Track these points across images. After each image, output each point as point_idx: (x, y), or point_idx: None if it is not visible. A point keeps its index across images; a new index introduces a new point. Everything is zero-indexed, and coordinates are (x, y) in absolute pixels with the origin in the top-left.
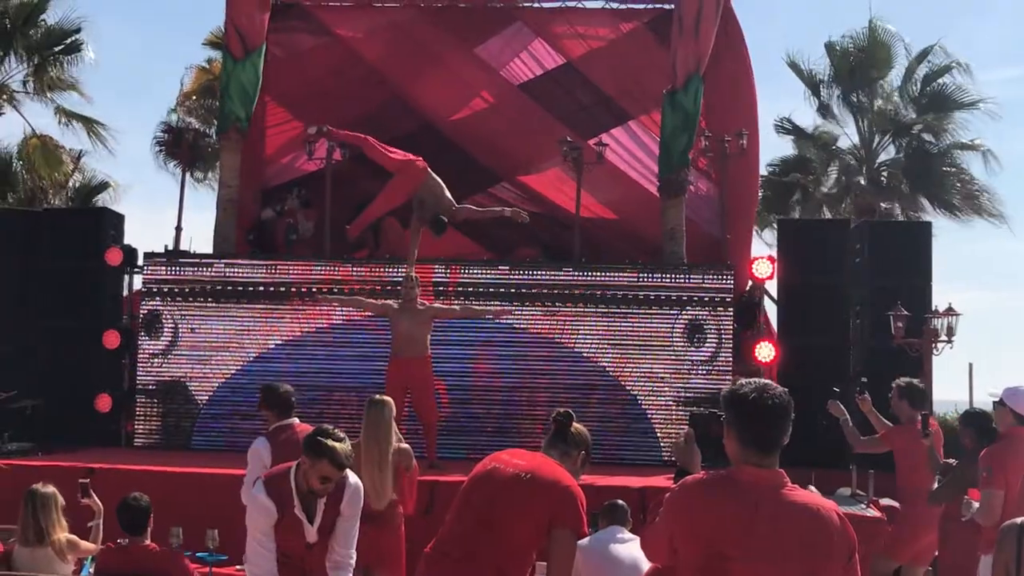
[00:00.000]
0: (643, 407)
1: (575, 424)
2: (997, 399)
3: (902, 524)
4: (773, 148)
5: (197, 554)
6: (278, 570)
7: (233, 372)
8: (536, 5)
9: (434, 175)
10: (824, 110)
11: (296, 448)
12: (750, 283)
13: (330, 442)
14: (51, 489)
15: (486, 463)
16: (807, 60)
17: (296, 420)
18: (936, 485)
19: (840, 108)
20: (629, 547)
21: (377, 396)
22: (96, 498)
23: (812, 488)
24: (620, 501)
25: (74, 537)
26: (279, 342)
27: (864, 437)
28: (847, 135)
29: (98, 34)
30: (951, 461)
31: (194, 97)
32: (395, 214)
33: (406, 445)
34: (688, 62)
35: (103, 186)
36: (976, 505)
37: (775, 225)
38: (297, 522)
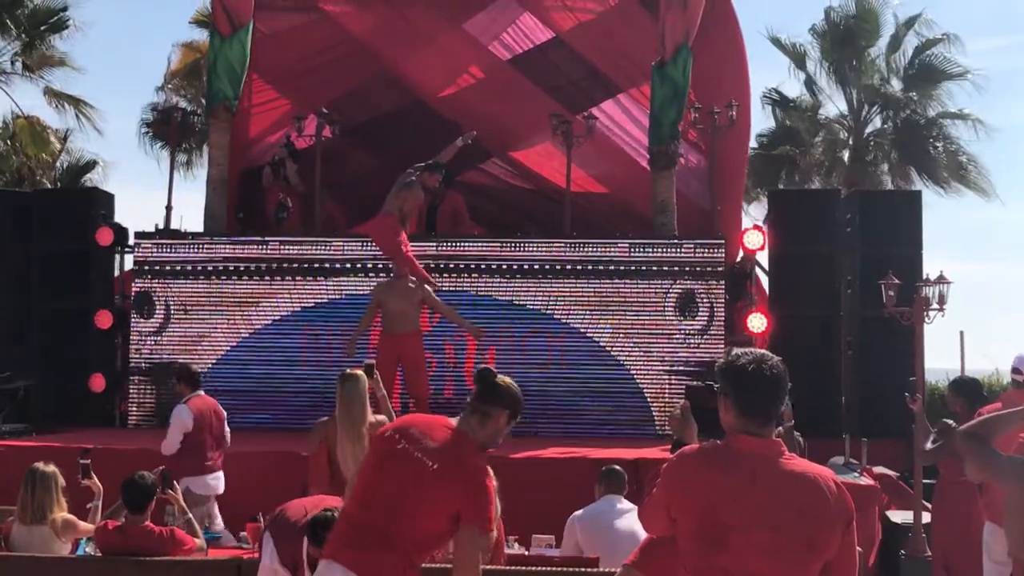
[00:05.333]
0: (635, 379)
1: (500, 378)
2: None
3: None
4: (761, 121)
5: None
6: None
7: (226, 351)
8: None
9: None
10: (811, 83)
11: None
12: (741, 254)
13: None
14: (52, 468)
15: (395, 438)
16: (790, 34)
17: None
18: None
19: (829, 79)
20: (627, 518)
21: (349, 371)
22: (96, 479)
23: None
24: (616, 466)
25: (72, 517)
26: (271, 320)
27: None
28: (835, 105)
29: (82, 11)
30: (949, 422)
31: (176, 78)
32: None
33: (381, 417)
34: (677, 34)
35: (91, 165)
36: None
37: (763, 198)
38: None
